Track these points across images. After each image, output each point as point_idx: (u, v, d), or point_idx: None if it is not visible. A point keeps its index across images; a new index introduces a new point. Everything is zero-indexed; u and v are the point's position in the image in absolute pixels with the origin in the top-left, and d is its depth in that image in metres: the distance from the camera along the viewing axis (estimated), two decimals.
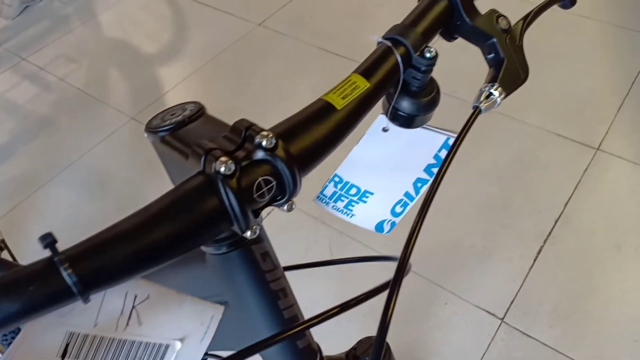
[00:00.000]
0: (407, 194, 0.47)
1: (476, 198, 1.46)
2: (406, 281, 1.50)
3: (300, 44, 1.95)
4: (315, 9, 2.10)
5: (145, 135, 0.35)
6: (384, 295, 0.39)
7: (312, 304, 0.56)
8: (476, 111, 0.38)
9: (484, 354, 1.17)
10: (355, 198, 0.47)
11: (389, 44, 0.37)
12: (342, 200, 0.47)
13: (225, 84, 1.86)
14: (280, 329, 0.42)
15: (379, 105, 0.40)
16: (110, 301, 0.30)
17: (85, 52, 2.07)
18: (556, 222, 1.38)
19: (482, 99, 0.38)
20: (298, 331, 0.40)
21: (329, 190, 0.47)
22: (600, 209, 1.41)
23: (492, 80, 0.39)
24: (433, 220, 1.48)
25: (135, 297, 0.30)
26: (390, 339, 1.31)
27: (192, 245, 0.30)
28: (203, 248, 0.39)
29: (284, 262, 0.46)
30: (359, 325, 1.24)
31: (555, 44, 1.86)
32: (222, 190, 0.29)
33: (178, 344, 0.33)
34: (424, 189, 0.46)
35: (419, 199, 0.47)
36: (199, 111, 0.35)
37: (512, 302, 1.25)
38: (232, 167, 0.29)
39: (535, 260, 1.32)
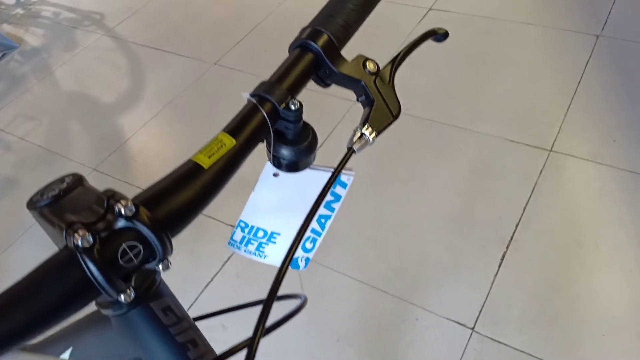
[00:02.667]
0: (313, 231, 0.48)
1: (438, 212, 1.48)
2: (376, 300, 1.52)
3: (257, 78, 1.98)
4: (268, 43, 2.14)
5: (28, 210, 0.36)
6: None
7: (289, 335, 0.57)
8: (349, 152, 0.40)
9: None
10: (264, 240, 0.49)
11: (254, 101, 0.40)
12: (252, 244, 0.49)
13: (185, 125, 1.88)
14: None
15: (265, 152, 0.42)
16: None
17: (44, 109, 2.08)
18: (517, 226, 1.41)
19: (355, 139, 0.40)
20: None
21: (238, 236, 0.49)
22: (559, 209, 1.44)
23: (364, 121, 0.41)
24: (397, 237, 1.51)
25: None
26: (364, 359, 1.32)
27: (62, 316, 0.31)
28: (103, 311, 0.40)
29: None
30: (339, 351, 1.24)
31: (500, 52, 1.92)
32: (83, 263, 0.31)
33: None
34: (329, 223, 0.48)
35: (326, 232, 0.49)
36: (76, 183, 0.36)
37: (480, 311, 1.26)
38: (90, 240, 0.31)
39: (499, 266, 1.34)
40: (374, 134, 0.40)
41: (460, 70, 1.88)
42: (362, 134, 0.40)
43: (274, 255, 0.49)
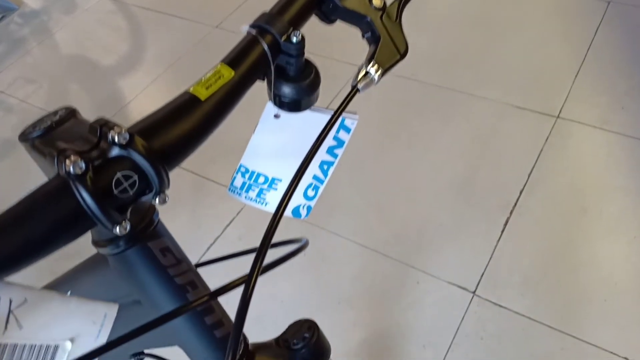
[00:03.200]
0: (316, 177, 0.47)
1: (441, 177, 1.47)
2: (377, 264, 1.52)
3: None
4: (270, 6, 2.10)
5: (20, 143, 0.35)
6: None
7: (290, 299, 0.56)
8: (354, 90, 0.38)
9: (458, 328, 1.18)
10: (265, 186, 0.48)
11: (254, 32, 0.38)
12: (253, 190, 0.48)
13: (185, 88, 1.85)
14: (193, 320, 0.42)
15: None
16: None
17: (44, 71, 2.06)
18: (521, 192, 1.40)
19: (359, 77, 0.38)
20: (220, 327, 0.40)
21: (238, 182, 0.48)
22: (564, 176, 1.42)
23: (369, 58, 0.39)
24: (399, 202, 1.51)
25: (10, 301, 0.31)
26: (365, 321, 1.32)
27: (56, 246, 0.30)
28: (100, 250, 0.40)
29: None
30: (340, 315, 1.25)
31: (508, 16, 1.88)
32: (76, 191, 0.30)
33: (68, 344, 0.33)
34: (332, 170, 0.47)
35: (329, 180, 0.48)
36: (69, 115, 0.35)
37: (482, 275, 1.26)
38: (83, 166, 0.30)
39: (502, 232, 1.33)
40: (379, 72, 0.38)
41: (465, 34, 1.84)
42: (367, 72, 0.38)
43: (276, 202, 0.48)
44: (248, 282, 0.31)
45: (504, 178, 1.44)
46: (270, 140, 0.45)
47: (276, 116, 0.44)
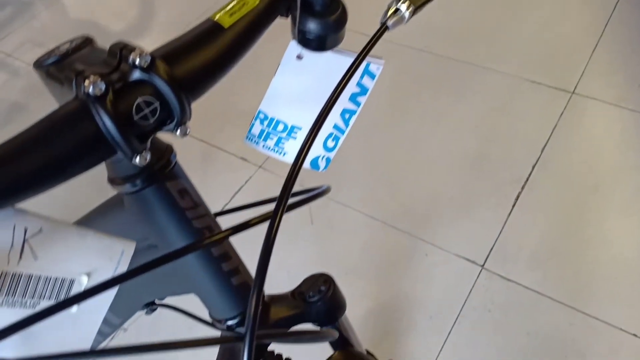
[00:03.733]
0: (336, 127, 0.46)
1: (453, 151, 1.45)
2: (386, 236, 1.50)
3: None
4: None
5: (34, 70, 0.33)
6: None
7: (297, 269, 0.56)
8: (383, 28, 0.36)
9: (466, 301, 1.18)
10: (283, 135, 0.46)
11: None
12: (272, 139, 0.46)
13: None
14: (210, 267, 0.41)
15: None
16: None
17: (52, 35, 2.03)
18: (533, 167, 1.38)
19: (389, 14, 0.36)
20: (231, 269, 0.39)
21: (257, 129, 0.47)
22: (578, 152, 1.40)
23: None
24: (410, 175, 1.49)
25: (26, 230, 0.29)
26: (372, 292, 1.32)
27: (73, 172, 0.29)
28: (117, 188, 0.38)
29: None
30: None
31: None
32: (96, 113, 0.28)
33: (85, 279, 0.32)
34: (354, 119, 0.45)
35: (350, 130, 0.46)
36: (85, 42, 0.33)
37: (491, 249, 1.25)
38: (102, 87, 0.28)
39: (513, 206, 1.32)
40: (410, 9, 0.36)
41: (482, 6, 1.81)
42: (397, 9, 0.36)
43: (294, 152, 0.47)
44: (273, 218, 0.30)
45: (517, 153, 1.42)
46: (291, 84, 0.44)
47: (299, 57, 0.42)
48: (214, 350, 0.50)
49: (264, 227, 0.32)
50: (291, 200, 0.34)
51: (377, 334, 1.18)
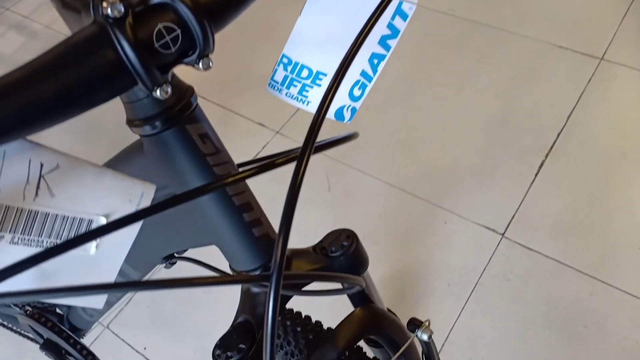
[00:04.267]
0: (364, 74, 0.43)
1: (475, 116, 1.42)
2: (404, 203, 1.48)
3: None
4: None
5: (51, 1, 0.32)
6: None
7: (314, 234, 0.54)
8: None
9: (485, 269, 1.16)
10: (308, 81, 0.44)
11: None
12: (295, 86, 0.44)
13: None
14: (232, 216, 0.40)
15: None
16: (11, 167, 0.27)
17: None
18: (558, 135, 1.34)
19: None
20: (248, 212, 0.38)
21: (280, 75, 0.44)
22: (605, 120, 1.36)
23: None
24: (430, 141, 1.46)
25: (42, 165, 0.28)
26: (389, 258, 1.30)
27: (89, 102, 0.27)
28: (135, 130, 0.37)
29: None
30: None
31: None
32: (115, 38, 0.27)
33: (103, 220, 0.31)
34: (382, 65, 0.43)
35: (377, 78, 0.44)
36: None
37: (512, 217, 1.23)
38: (121, 9, 0.26)
39: (536, 175, 1.29)
40: None
41: None
42: None
43: (318, 101, 0.44)
44: (300, 159, 0.28)
45: (542, 120, 1.38)
46: (317, 24, 0.41)
47: None
48: (235, 303, 0.49)
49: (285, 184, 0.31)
50: (318, 143, 0.32)
51: (393, 300, 1.17)
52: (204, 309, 1.20)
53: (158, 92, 0.29)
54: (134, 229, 0.32)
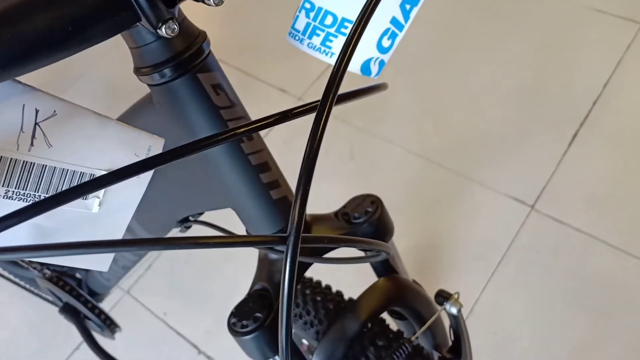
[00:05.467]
0: (394, 21, 0.39)
1: (506, 84, 1.35)
2: (430, 173, 1.44)
3: None
4: None
5: None
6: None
7: (337, 202, 0.52)
8: None
9: (512, 242, 1.12)
10: (332, 30, 0.40)
11: None
12: (318, 35, 0.41)
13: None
14: (248, 177, 0.37)
15: None
16: (2, 113, 0.25)
17: None
18: (594, 104, 1.28)
19: None
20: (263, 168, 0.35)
21: (301, 23, 0.41)
22: None
23: None
24: (458, 110, 1.41)
25: (37, 111, 0.25)
26: (414, 229, 1.26)
27: (87, 38, 0.24)
28: (143, 79, 0.34)
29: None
30: None
31: None
32: None
33: None
34: (415, 11, 0.39)
35: (409, 27, 0.40)
36: None
37: (543, 189, 1.18)
38: None
39: (569, 145, 1.23)
40: None
41: None
42: None
43: None
44: (321, 109, 0.25)
45: (576, 88, 1.31)
46: None
47: None
48: (253, 269, 0.46)
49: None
50: (342, 93, 0.29)
51: (416, 273, 1.14)
52: (223, 277, 1.19)
53: (163, 29, 0.26)
54: (141, 184, 0.30)
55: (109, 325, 0.88)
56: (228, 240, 0.28)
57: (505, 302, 1.06)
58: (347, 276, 0.79)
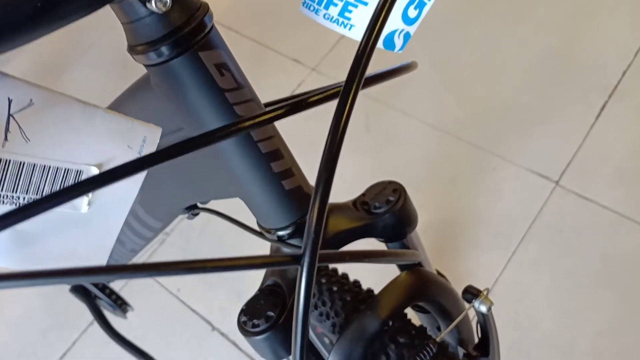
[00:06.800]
0: None
1: (531, 52, 1.29)
2: (450, 148, 1.38)
3: None
4: None
5: None
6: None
7: (353, 177, 0.48)
8: None
9: (535, 219, 1.08)
10: None
11: None
12: (336, 5, 0.36)
13: None
14: (258, 166, 0.33)
15: None
16: None
17: None
18: (624, 74, 1.21)
19: None
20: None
21: None
22: None
23: None
24: (480, 80, 1.35)
25: (10, 101, 0.22)
26: (431, 205, 1.22)
27: (67, 12, 0.20)
28: (138, 59, 0.30)
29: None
30: None
31: None
32: None
33: (94, 171, 0.24)
34: None
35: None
36: None
37: (568, 164, 1.13)
38: None
39: (597, 117, 1.17)
40: None
41: None
42: None
43: (363, 25, 0.36)
44: (345, 94, 0.21)
45: (606, 56, 1.24)
46: None
47: None
48: (268, 244, 0.43)
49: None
50: (368, 74, 0.25)
51: (434, 250, 1.11)
52: (238, 252, 1.17)
53: (153, 3, 0.22)
54: (135, 182, 0.26)
55: (120, 305, 0.86)
56: (228, 263, 0.25)
57: (527, 281, 1.03)
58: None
